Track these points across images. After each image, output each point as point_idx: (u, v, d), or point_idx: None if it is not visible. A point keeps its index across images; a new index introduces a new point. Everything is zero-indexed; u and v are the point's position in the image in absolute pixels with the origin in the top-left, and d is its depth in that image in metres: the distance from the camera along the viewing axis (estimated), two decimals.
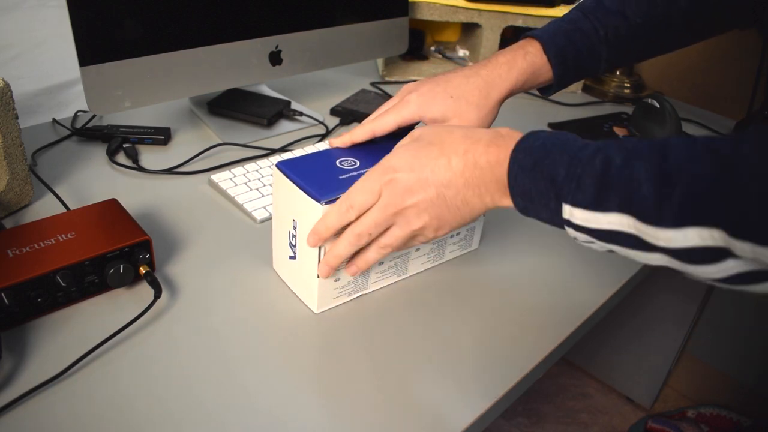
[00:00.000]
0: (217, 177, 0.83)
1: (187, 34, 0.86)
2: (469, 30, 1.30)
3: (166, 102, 0.95)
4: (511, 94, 0.68)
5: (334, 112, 1.05)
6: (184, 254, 0.69)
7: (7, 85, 0.68)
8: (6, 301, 0.55)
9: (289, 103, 1.03)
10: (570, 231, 0.49)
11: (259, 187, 0.82)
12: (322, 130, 1.00)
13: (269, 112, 0.99)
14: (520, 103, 1.21)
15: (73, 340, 0.57)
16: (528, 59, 0.68)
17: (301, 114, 1.01)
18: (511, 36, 1.37)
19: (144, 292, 0.63)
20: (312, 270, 0.59)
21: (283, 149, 0.92)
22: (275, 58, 0.97)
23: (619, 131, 1.11)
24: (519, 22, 1.20)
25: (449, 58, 1.28)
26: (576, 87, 1.28)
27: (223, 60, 0.91)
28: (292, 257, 0.61)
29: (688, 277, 0.45)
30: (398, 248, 0.56)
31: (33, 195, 0.76)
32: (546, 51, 0.68)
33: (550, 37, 0.69)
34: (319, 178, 0.58)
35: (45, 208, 0.75)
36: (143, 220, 0.73)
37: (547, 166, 0.47)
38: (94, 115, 0.96)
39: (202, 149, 0.90)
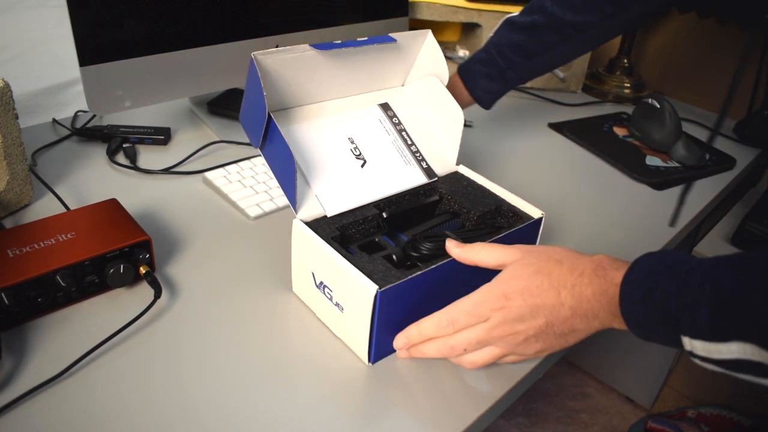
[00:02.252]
0: (212, 175, 0.83)
1: (187, 34, 0.86)
2: (469, 30, 1.30)
3: (167, 102, 0.95)
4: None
5: None
6: (184, 254, 0.69)
7: (7, 85, 0.68)
8: (6, 301, 0.55)
9: None
10: (698, 362, 0.46)
11: (252, 184, 0.82)
12: None
13: None
14: (521, 103, 1.21)
15: (73, 340, 0.57)
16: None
17: None
18: None
19: (144, 292, 0.63)
20: (364, 326, 0.55)
21: None
22: None
23: (619, 131, 1.11)
24: None
25: (449, 58, 1.28)
26: (576, 87, 1.28)
27: (223, 60, 0.91)
28: (339, 308, 0.58)
29: None
30: (485, 365, 0.56)
31: (33, 195, 0.76)
32: (470, 92, 0.88)
33: (472, 80, 0.88)
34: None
35: (45, 208, 0.75)
36: (143, 220, 0.73)
37: (658, 297, 0.46)
38: (94, 115, 0.96)
39: (206, 151, 0.90)
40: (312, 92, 0.68)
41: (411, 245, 0.60)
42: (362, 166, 0.68)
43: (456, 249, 0.57)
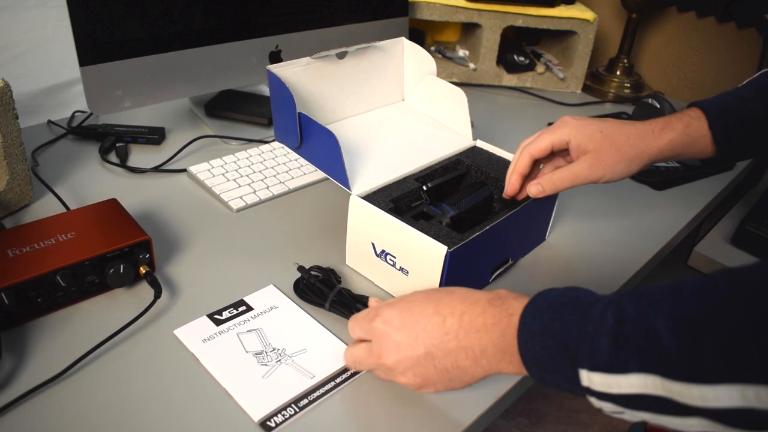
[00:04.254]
0: (195, 169, 0.83)
1: (187, 34, 0.86)
2: (469, 30, 1.30)
3: (167, 102, 0.95)
4: (660, 154, 0.65)
5: None
6: (183, 254, 0.69)
7: (7, 85, 0.68)
8: (6, 301, 0.55)
9: None
10: (593, 401, 0.42)
11: (236, 177, 0.82)
12: None
13: (269, 111, 0.99)
14: (521, 102, 1.21)
15: (73, 340, 0.57)
16: (685, 121, 0.65)
17: None
18: (511, 36, 1.37)
19: (144, 292, 0.63)
20: (434, 286, 0.60)
21: (262, 141, 0.93)
22: (275, 58, 0.97)
23: None
24: (519, 22, 1.20)
25: (449, 58, 1.28)
26: (576, 87, 1.28)
27: (223, 60, 0.91)
28: (404, 273, 0.63)
29: None
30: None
31: (33, 195, 0.76)
32: (711, 125, 0.65)
33: (717, 111, 0.65)
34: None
35: (45, 208, 0.75)
36: (140, 219, 0.73)
37: (558, 329, 0.42)
38: (90, 114, 0.96)
39: (197, 148, 0.90)
40: (324, 111, 0.76)
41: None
42: (392, 143, 0.75)
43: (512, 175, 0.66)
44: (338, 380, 0.55)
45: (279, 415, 0.51)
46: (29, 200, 0.76)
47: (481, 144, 0.79)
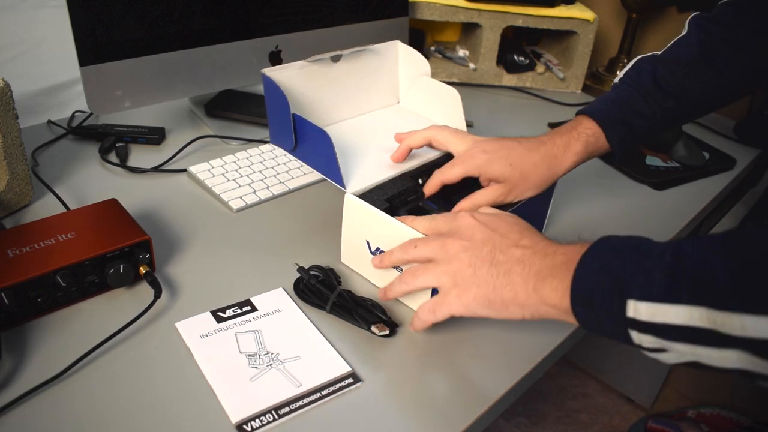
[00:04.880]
0: (195, 169, 0.83)
1: (187, 34, 0.86)
2: (469, 30, 1.30)
3: (167, 102, 0.95)
4: (565, 173, 0.71)
5: None
6: (183, 254, 0.69)
7: (7, 85, 0.68)
8: (6, 301, 0.55)
9: None
10: (635, 335, 0.45)
11: (236, 177, 0.82)
12: None
13: None
14: (521, 102, 1.21)
15: (73, 340, 0.57)
16: (583, 140, 0.71)
17: None
18: (511, 36, 1.37)
19: (144, 292, 0.63)
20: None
21: (262, 141, 0.93)
22: (275, 58, 0.97)
23: None
24: (519, 22, 1.20)
25: (449, 58, 1.28)
26: (576, 87, 1.28)
27: (223, 60, 0.91)
28: (399, 270, 0.63)
29: None
30: (419, 282, 0.57)
31: (33, 195, 0.76)
32: (609, 139, 0.71)
33: (611, 124, 0.71)
34: None
35: (45, 208, 0.75)
36: (141, 220, 0.73)
37: (615, 266, 0.46)
38: (90, 114, 0.96)
39: (197, 148, 0.90)
40: (319, 114, 0.77)
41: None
42: (387, 143, 0.75)
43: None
44: (324, 392, 0.54)
45: (257, 420, 0.51)
46: (29, 200, 0.76)
47: None
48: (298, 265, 0.65)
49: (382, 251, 0.63)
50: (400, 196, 0.68)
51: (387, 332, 0.59)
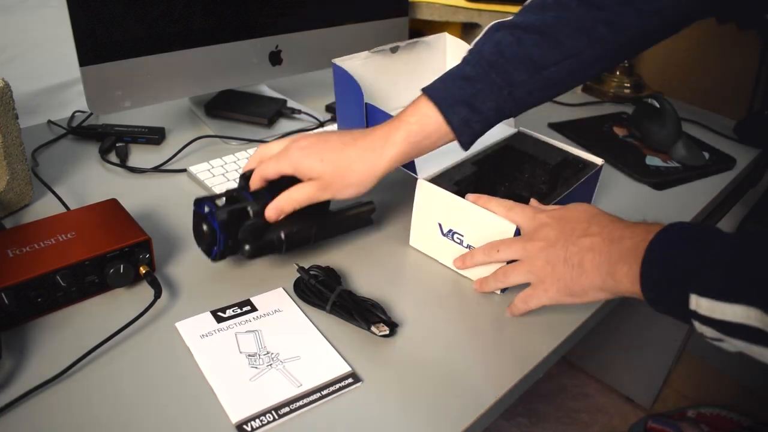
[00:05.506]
0: (195, 169, 0.83)
1: (187, 34, 0.86)
2: (469, 30, 1.30)
3: (167, 102, 0.95)
4: (389, 168, 0.64)
5: (329, 109, 1.05)
6: (184, 254, 0.69)
7: (7, 85, 0.68)
8: (6, 301, 0.55)
9: (285, 101, 1.03)
10: (697, 325, 0.48)
11: (236, 177, 0.82)
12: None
13: (269, 111, 0.99)
14: None
15: (73, 340, 0.57)
16: (405, 130, 0.63)
17: (299, 112, 1.01)
18: None
19: (144, 292, 0.63)
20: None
21: (262, 141, 0.93)
22: (275, 58, 0.97)
23: (619, 131, 1.11)
24: None
25: None
26: (576, 87, 1.28)
27: (223, 60, 0.91)
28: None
29: None
30: (510, 280, 0.63)
31: (33, 195, 0.76)
32: (448, 120, 0.63)
33: (449, 105, 0.63)
34: None
35: (45, 208, 0.75)
36: (141, 220, 0.73)
37: (680, 256, 0.48)
38: (90, 114, 0.96)
39: (197, 148, 0.90)
40: (382, 101, 0.81)
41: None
42: None
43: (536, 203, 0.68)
44: (324, 392, 0.54)
45: (257, 420, 0.51)
46: (29, 200, 0.76)
47: (524, 130, 0.86)
48: (298, 265, 0.65)
49: (455, 232, 0.67)
50: (465, 181, 0.72)
51: (387, 332, 0.59)
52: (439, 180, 0.71)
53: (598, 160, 0.80)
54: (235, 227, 0.63)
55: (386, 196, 0.80)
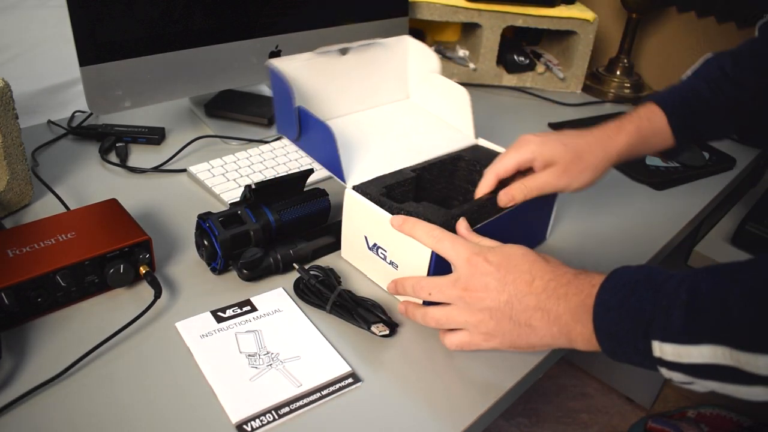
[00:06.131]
0: (195, 168, 0.83)
1: (187, 34, 0.86)
2: (469, 30, 1.30)
3: (167, 102, 0.95)
4: (619, 156, 0.69)
5: None
6: (184, 254, 0.69)
7: (7, 85, 0.68)
8: (6, 301, 0.55)
9: None
10: (664, 371, 0.45)
11: (236, 177, 0.82)
12: None
13: (269, 111, 0.99)
14: (521, 102, 1.21)
15: (73, 340, 0.57)
16: (636, 122, 0.70)
17: None
18: (511, 36, 1.37)
19: (144, 292, 0.63)
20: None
21: (262, 141, 0.93)
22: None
23: None
24: (519, 22, 1.20)
25: (449, 58, 1.28)
26: (576, 87, 1.28)
27: (223, 60, 0.91)
28: (393, 266, 0.64)
29: None
30: (443, 326, 0.57)
31: (33, 195, 0.76)
32: (669, 120, 0.71)
33: (674, 107, 0.71)
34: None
35: (45, 208, 0.75)
36: (141, 220, 0.73)
37: (633, 303, 0.46)
38: (90, 114, 0.96)
39: (197, 148, 0.90)
40: (326, 106, 0.77)
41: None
42: (393, 139, 0.75)
43: (465, 231, 0.61)
44: (324, 392, 0.54)
45: (257, 420, 0.51)
46: (29, 200, 0.76)
47: (482, 142, 0.79)
48: (298, 265, 0.65)
49: (379, 247, 0.64)
50: (398, 187, 0.68)
51: (387, 332, 0.59)
52: (368, 185, 0.66)
53: None
54: (237, 249, 0.65)
55: None
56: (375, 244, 0.64)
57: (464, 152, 0.76)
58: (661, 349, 0.44)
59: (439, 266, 0.59)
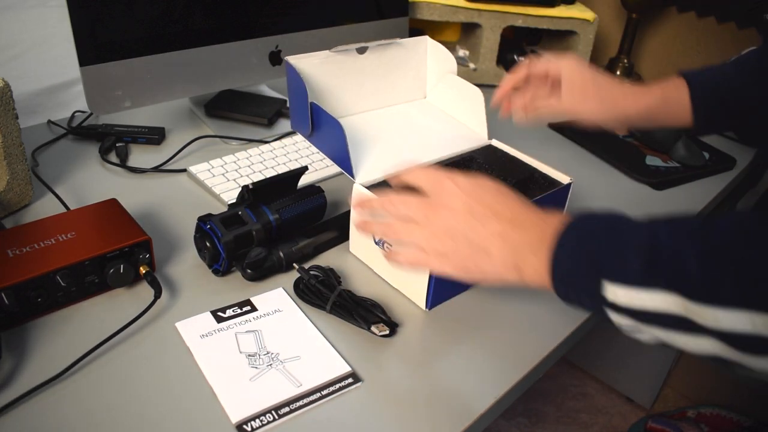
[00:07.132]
0: (195, 168, 0.83)
1: (187, 34, 0.86)
2: (469, 30, 1.30)
3: (167, 102, 0.95)
4: (637, 115, 0.73)
5: None
6: (184, 254, 0.69)
7: (7, 85, 0.68)
8: (6, 301, 0.55)
9: (285, 101, 1.03)
10: (613, 316, 0.46)
11: (236, 177, 0.82)
12: None
13: (269, 111, 0.99)
14: None
15: (73, 340, 0.57)
16: (662, 92, 0.73)
17: None
18: (511, 36, 1.37)
19: (144, 292, 0.63)
20: (423, 275, 0.62)
21: (262, 141, 0.93)
22: (275, 58, 0.97)
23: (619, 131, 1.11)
24: (519, 22, 1.20)
25: None
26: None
27: (223, 60, 0.91)
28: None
29: (748, 373, 0.43)
30: (402, 238, 0.55)
31: (33, 195, 0.76)
32: (692, 96, 0.72)
33: (700, 84, 0.73)
34: None
35: (45, 208, 0.75)
36: (141, 220, 0.73)
37: (592, 247, 0.46)
38: (90, 114, 0.96)
39: (197, 148, 0.90)
40: (342, 104, 0.78)
41: None
42: (405, 137, 0.77)
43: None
44: (324, 392, 0.54)
45: (257, 420, 0.51)
46: (29, 200, 0.76)
47: (496, 143, 0.80)
48: (298, 265, 0.65)
49: (385, 242, 0.64)
50: (407, 187, 0.67)
51: (387, 332, 0.59)
52: (378, 186, 0.67)
53: (565, 179, 0.73)
54: (240, 250, 0.65)
55: None
56: (381, 239, 0.65)
57: (477, 153, 0.77)
58: (614, 293, 0.44)
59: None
